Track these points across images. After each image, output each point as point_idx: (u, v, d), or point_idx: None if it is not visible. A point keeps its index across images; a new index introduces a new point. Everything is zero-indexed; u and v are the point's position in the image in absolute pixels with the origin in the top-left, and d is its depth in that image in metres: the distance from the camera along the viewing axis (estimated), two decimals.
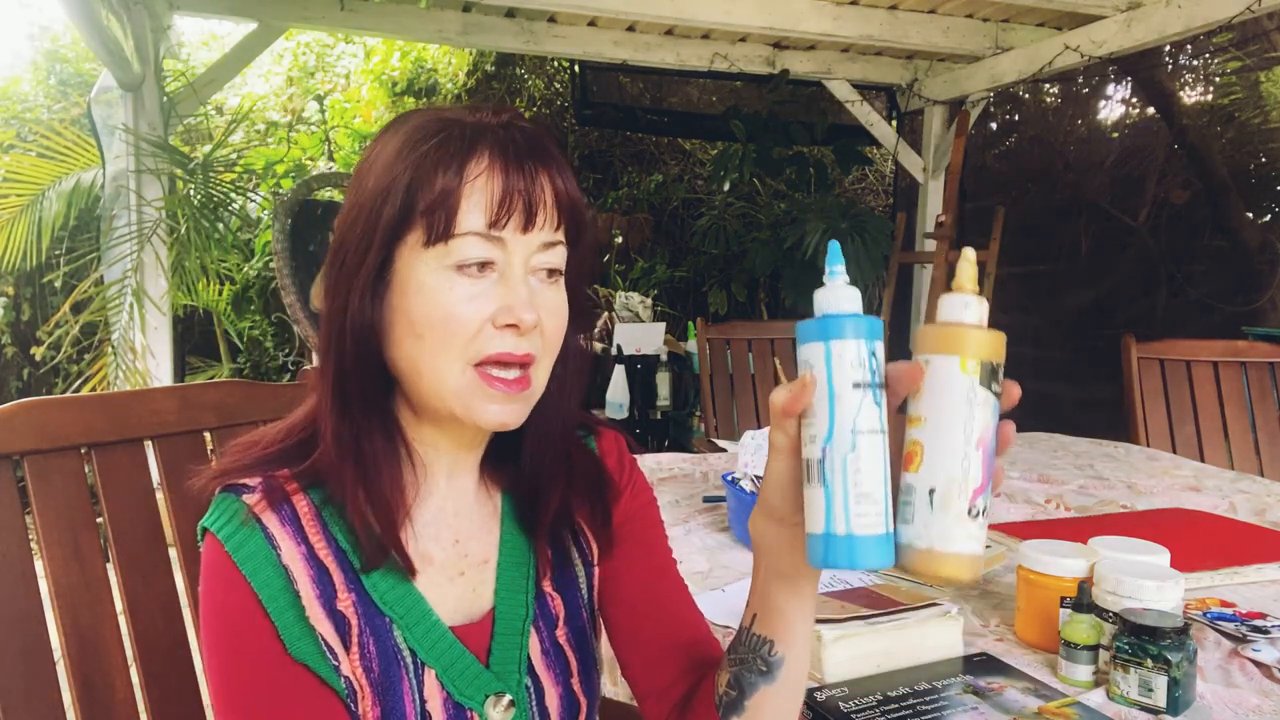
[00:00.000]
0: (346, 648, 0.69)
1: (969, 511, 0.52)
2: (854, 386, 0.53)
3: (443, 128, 0.67)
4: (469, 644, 0.73)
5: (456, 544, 0.76)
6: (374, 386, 0.70)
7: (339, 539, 0.69)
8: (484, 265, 0.66)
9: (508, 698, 0.74)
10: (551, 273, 0.69)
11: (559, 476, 0.77)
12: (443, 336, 0.66)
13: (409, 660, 0.70)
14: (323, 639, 0.68)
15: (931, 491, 0.52)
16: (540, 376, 0.70)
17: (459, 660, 0.72)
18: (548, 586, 0.79)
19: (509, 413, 0.68)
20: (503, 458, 0.78)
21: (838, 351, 0.54)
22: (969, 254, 0.55)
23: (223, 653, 0.67)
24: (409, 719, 0.70)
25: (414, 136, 0.67)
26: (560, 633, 0.79)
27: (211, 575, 0.67)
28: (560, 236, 0.69)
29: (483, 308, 0.66)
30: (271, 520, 0.68)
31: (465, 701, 0.72)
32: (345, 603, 0.69)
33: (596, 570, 0.82)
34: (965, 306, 0.54)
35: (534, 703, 0.76)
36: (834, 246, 0.57)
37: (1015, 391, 0.55)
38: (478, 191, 0.65)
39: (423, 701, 0.70)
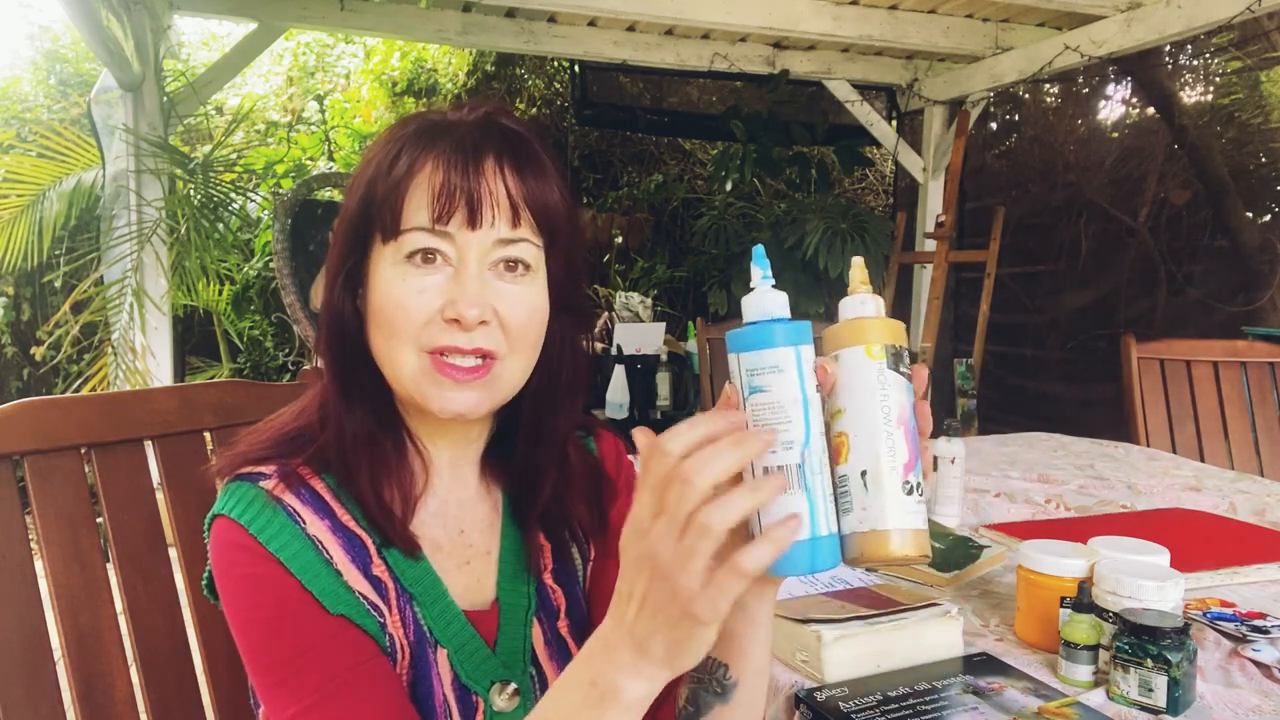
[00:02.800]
0: (388, 608, 0.70)
1: (903, 487, 0.53)
2: (816, 389, 0.54)
3: (418, 127, 0.69)
4: (478, 630, 0.75)
5: (462, 534, 0.77)
6: (367, 380, 0.72)
7: (359, 518, 0.71)
8: (430, 256, 0.67)
9: (513, 686, 0.75)
10: (512, 266, 0.69)
11: (549, 472, 0.77)
12: (393, 327, 0.68)
13: (429, 636, 0.72)
14: (364, 597, 0.69)
15: (864, 474, 0.53)
16: (508, 370, 0.70)
17: (469, 643, 0.74)
18: (549, 579, 0.80)
19: (464, 401, 0.68)
20: (503, 455, 0.79)
21: (806, 356, 0.54)
22: (857, 260, 0.59)
23: (253, 620, 0.67)
24: (435, 691, 0.71)
25: (390, 136, 0.70)
26: (562, 624, 0.80)
27: (231, 553, 0.67)
28: (523, 234, 0.69)
29: (431, 301, 0.67)
30: (293, 500, 0.69)
31: (472, 685, 0.73)
32: (380, 569, 0.70)
33: (590, 566, 0.83)
34: (862, 303, 0.56)
35: (538, 692, 0.77)
36: (759, 250, 0.57)
37: (923, 373, 0.57)
38: (420, 188, 0.67)
39: (439, 677, 0.72)
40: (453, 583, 0.75)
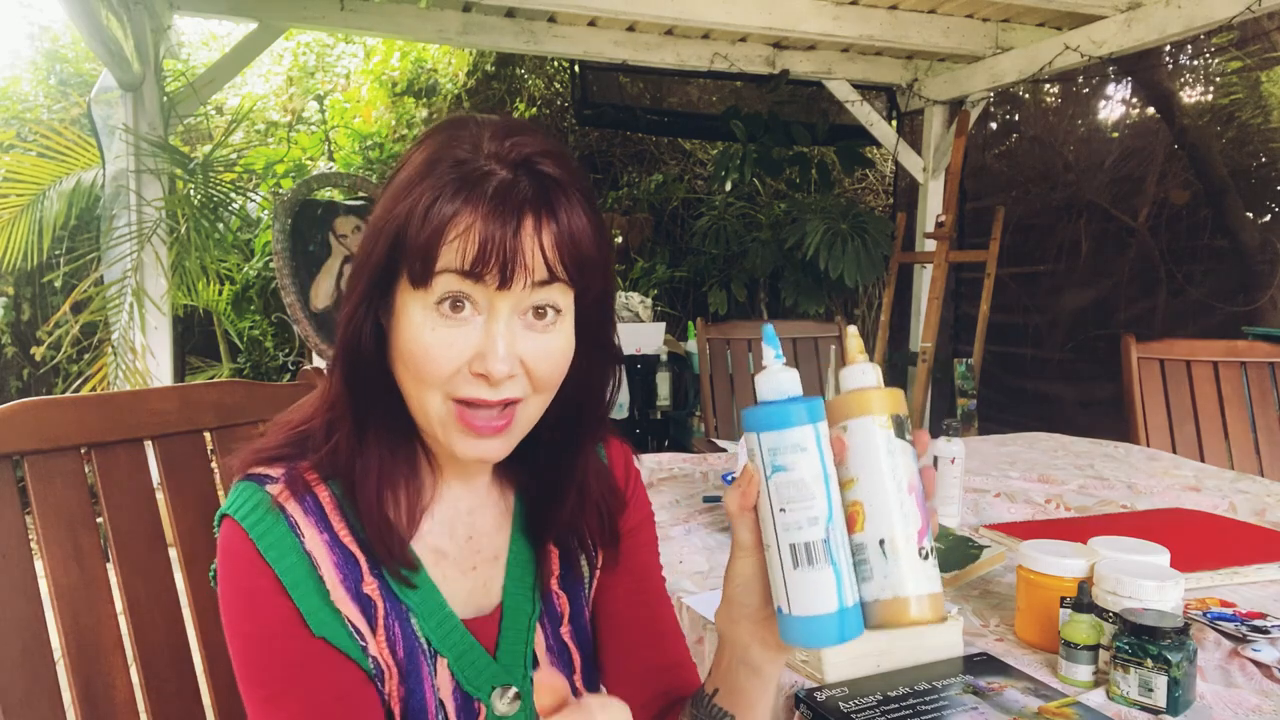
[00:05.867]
0: (373, 630, 0.70)
1: (919, 553, 0.55)
2: (834, 463, 0.56)
3: (452, 167, 0.65)
4: (478, 636, 0.75)
5: (470, 540, 0.77)
6: (382, 398, 0.71)
7: (358, 532, 0.71)
8: (459, 304, 0.65)
9: (514, 690, 0.75)
10: (541, 314, 0.67)
11: (568, 494, 0.77)
12: (419, 373, 0.66)
13: (426, 648, 0.72)
14: (349, 621, 0.69)
15: (882, 543, 0.55)
16: (529, 411, 0.69)
17: (469, 651, 0.74)
18: (554, 585, 0.80)
19: (487, 449, 0.68)
20: (517, 460, 0.78)
21: (823, 431, 0.56)
22: (852, 330, 0.61)
23: (246, 633, 0.68)
24: (429, 703, 0.72)
25: (423, 171, 0.66)
26: (565, 630, 0.80)
27: (232, 560, 0.68)
28: (559, 276, 0.66)
29: (460, 353, 0.65)
30: (295, 509, 0.69)
31: (474, 692, 0.74)
32: (371, 586, 0.70)
33: (597, 575, 0.83)
34: (864, 373, 0.58)
35: None
36: (769, 330, 0.59)
37: (925, 438, 0.58)
38: (454, 244, 0.64)
39: (436, 689, 0.72)
40: (456, 588, 0.75)
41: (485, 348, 0.65)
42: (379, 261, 0.67)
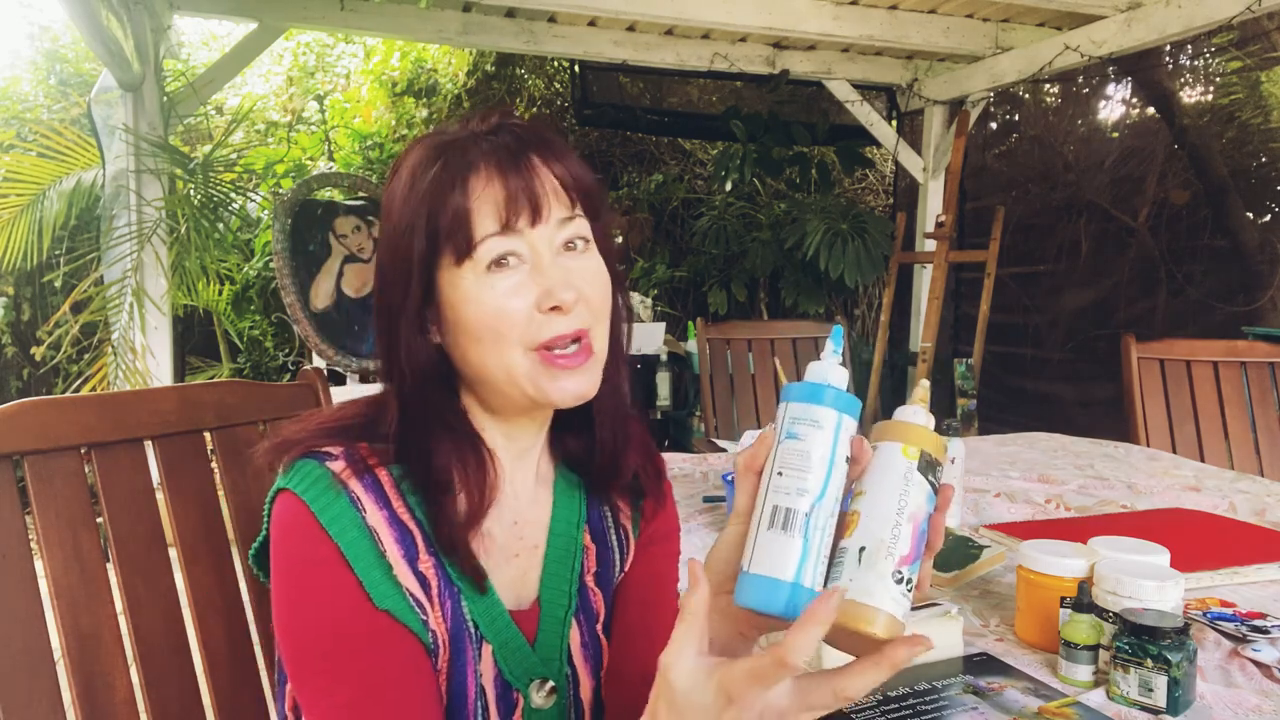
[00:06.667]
0: (430, 604, 0.71)
1: (894, 574, 0.55)
2: (846, 460, 0.57)
3: (440, 152, 0.71)
4: (520, 627, 0.76)
5: (515, 525, 0.78)
6: (440, 399, 0.73)
7: (416, 510, 0.72)
8: (503, 261, 0.70)
9: (551, 683, 0.77)
10: (573, 244, 0.72)
11: (623, 431, 0.81)
12: (498, 332, 0.70)
13: (473, 632, 0.73)
14: (410, 594, 0.70)
15: (861, 549, 0.55)
16: (600, 341, 0.73)
17: (512, 640, 0.75)
18: (590, 581, 0.81)
19: (580, 384, 0.71)
20: (564, 432, 0.81)
21: (846, 425, 0.57)
22: (925, 383, 0.64)
23: (305, 604, 0.68)
24: (469, 685, 0.73)
25: (417, 169, 0.72)
26: (599, 627, 0.81)
27: (291, 532, 0.68)
28: (578, 212, 0.73)
29: (526, 297, 0.70)
30: (356, 486, 0.70)
31: (514, 681, 0.75)
32: (426, 564, 0.71)
33: (623, 575, 0.84)
34: (915, 414, 0.60)
35: (572, 691, 0.79)
36: (838, 330, 0.62)
37: (949, 493, 0.59)
38: (486, 203, 0.69)
39: (478, 674, 0.73)
40: (499, 575, 0.76)
41: (548, 284, 0.69)
42: (419, 256, 0.71)
